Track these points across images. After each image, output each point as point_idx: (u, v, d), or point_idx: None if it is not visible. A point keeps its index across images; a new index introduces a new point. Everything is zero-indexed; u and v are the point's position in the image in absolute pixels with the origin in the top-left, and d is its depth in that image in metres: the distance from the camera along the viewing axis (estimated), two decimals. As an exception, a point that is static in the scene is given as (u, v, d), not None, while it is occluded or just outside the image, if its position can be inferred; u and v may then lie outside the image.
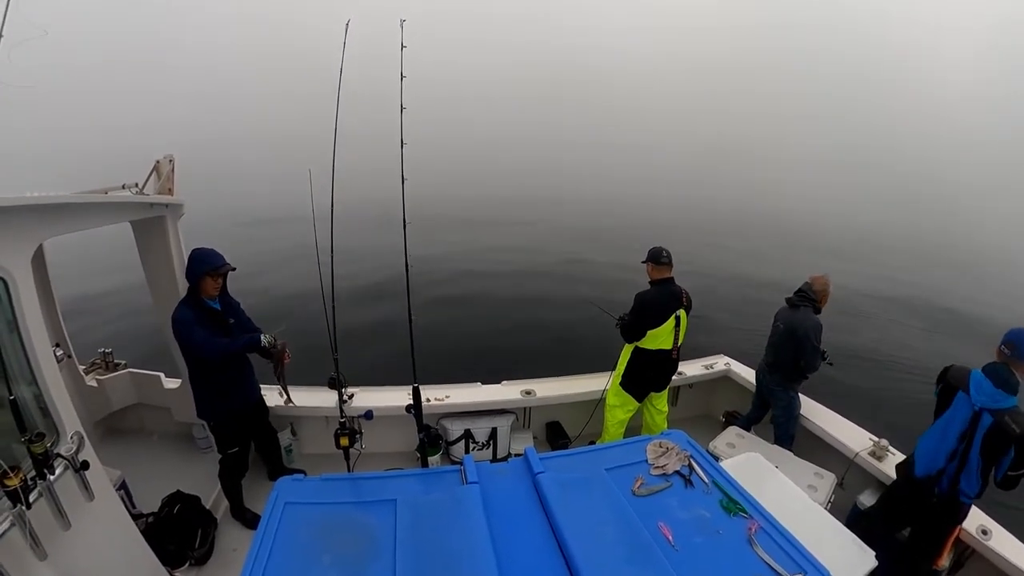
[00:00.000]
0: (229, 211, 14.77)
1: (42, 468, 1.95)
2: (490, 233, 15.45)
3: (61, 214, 2.45)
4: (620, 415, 4.14)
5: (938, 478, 2.96)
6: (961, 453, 2.85)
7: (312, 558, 1.80)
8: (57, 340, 3.87)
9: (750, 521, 2.02)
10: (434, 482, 2.28)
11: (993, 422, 2.71)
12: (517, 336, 8.87)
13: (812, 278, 4.12)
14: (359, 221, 10.35)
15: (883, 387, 7.48)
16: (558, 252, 13.82)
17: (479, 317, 9.69)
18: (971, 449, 2.81)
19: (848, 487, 3.78)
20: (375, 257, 9.57)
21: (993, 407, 2.73)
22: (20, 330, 2.12)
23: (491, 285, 11.25)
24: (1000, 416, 2.69)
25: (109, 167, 3.62)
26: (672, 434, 2.60)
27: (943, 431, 2.97)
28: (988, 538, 3.09)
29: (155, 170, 3.46)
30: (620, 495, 2.15)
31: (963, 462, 2.84)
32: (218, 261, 3.24)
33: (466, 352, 8.07)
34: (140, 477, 3.67)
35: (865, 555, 2.63)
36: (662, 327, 3.79)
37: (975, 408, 2.80)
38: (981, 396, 2.78)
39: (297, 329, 3.57)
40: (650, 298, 3.83)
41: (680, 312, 3.82)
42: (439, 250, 12.62)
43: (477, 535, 1.87)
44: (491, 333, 9.02)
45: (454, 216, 15.71)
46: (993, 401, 2.73)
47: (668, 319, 3.78)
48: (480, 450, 4.44)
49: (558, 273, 12.18)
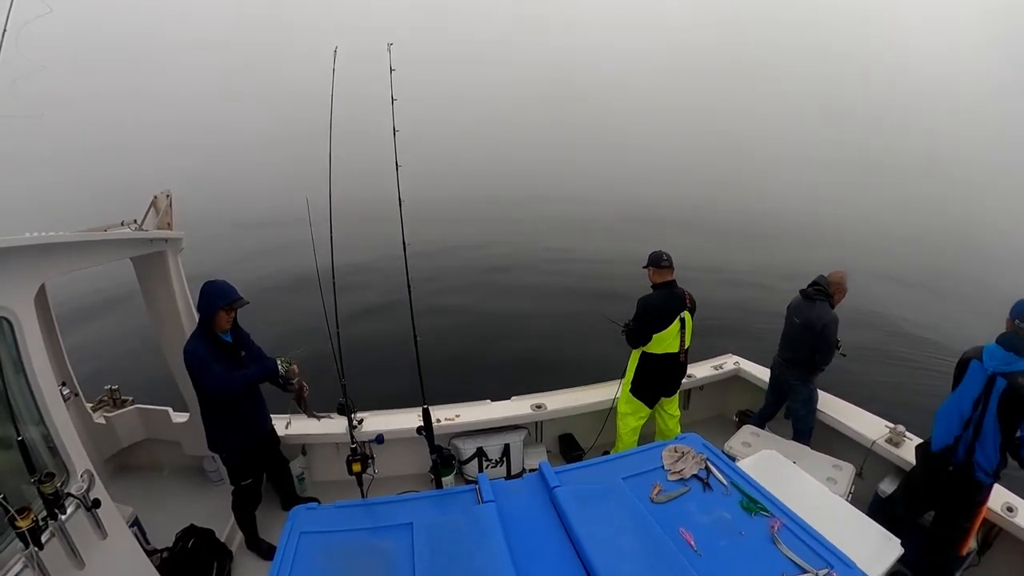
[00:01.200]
0: (228, 242, 14.79)
1: (53, 508, 1.94)
2: (486, 239, 15.44)
3: (62, 253, 2.46)
4: (632, 423, 4.11)
5: (955, 447, 2.95)
6: (976, 420, 2.85)
7: None
8: (63, 379, 3.88)
9: (772, 519, 2.00)
10: (449, 503, 2.26)
11: (1007, 385, 2.73)
12: (524, 349, 8.84)
13: (830, 273, 4.12)
14: (358, 241, 10.41)
15: (900, 380, 7.43)
16: (555, 257, 13.80)
17: (485, 331, 9.67)
18: (986, 414, 2.81)
19: (868, 476, 3.74)
20: (375, 277, 9.58)
21: (1006, 370, 2.75)
22: (25, 370, 2.12)
23: (496, 299, 11.25)
24: (1014, 378, 2.71)
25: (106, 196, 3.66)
26: (687, 438, 2.59)
27: (959, 400, 2.98)
28: (1015, 515, 3.05)
29: (153, 205, 3.48)
30: (639, 503, 2.13)
31: (978, 430, 2.84)
32: (233, 295, 3.23)
33: (474, 368, 8.05)
34: (153, 512, 3.65)
35: (891, 543, 2.60)
36: (667, 330, 3.78)
37: (988, 373, 2.82)
38: (993, 361, 2.81)
39: (303, 357, 3.56)
40: (653, 302, 3.83)
41: (684, 314, 3.81)
42: (440, 263, 12.62)
43: (496, 554, 1.85)
44: (497, 348, 9.00)
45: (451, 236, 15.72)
46: (1006, 364, 2.76)
47: (673, 322, 3.77)
48: (494, 467, 4.40)
49: (560, 281, 12.16)
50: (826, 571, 1.73)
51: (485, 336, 9.46)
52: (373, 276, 10.55)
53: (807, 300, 4.05)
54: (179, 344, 3.62)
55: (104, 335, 9.08)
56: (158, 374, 4.37)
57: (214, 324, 3.21)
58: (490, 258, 13.68)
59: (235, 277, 3.47)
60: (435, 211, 16.70)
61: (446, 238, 14.54)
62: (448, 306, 10.38)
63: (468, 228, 16.38)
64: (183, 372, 3.64)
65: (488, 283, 12.04)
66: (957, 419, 2.95)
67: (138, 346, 8.02)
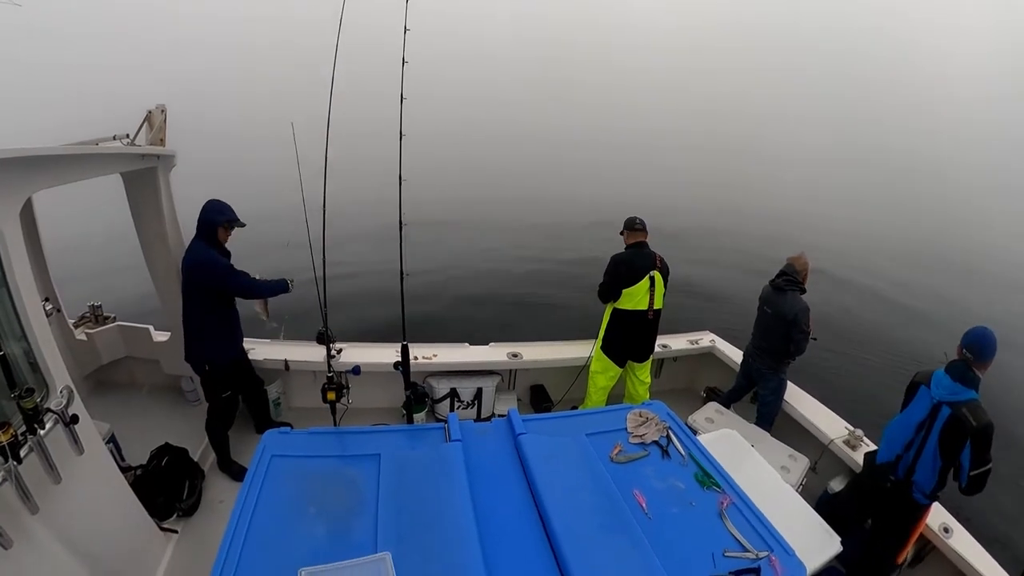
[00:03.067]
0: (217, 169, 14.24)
1: (32, 423, 1.94)
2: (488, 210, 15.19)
3: (50, 166, 2.38)
4: (602, 382, 4.22)
5: (895, 464, 3.05)
6: (919, 444, 2.92)
7: (297, 510, 1.85)
8: (46, 294, 3.81)
9: (723, 496, 2.09)
10: (418, 438, 2.33)
11: (951, 414, 2.77)
12: (507, 301, 8.89)
13: (791, 258, 4.13)
14: (352, 177, 10.16)
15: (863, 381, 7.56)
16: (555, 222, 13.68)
17: (472, 280, 9.67)
18: (928, 440, 2.87)
19: (821, 473, 3.87)
20: (368, 212, 9.40)
21: (951, 400, 2.78)
22: (9, 285, 2.08)
23: (487, 250, 11.19)
24: (958, 408, 2.74)
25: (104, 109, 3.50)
26: (653, 404, 2.66)
27: (904, 422, 3.05)
28: (949, 536, 3.15)
29: (147, 120, 3.35)
30: (598, 460, 2.22)
31: (919, 453, 2.92)
32: (233, 215, 3.38)
33: (456, 314, 8.10)
34: (129, 430, 3.69)
35: (831, 540, 2.71)
36: (636, 286, 3.89)
37: (933, 401, 2.86)
38: (940, 390, 2.84)
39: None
40: (623, 258, 3.97)
41: (655, 274, 3.91)
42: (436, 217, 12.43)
43: (458, 492, 1.93)
44: (482, 296, 9.03)
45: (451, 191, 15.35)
46: (951, 394, 2.79)
47: (643, 279, 3.88)
48: (465, 409, 4.50)
49: (555, 241, 12.11)
50: (766, 554, 1.82)
51: (471, 279, 9.47)
52: (366, 208, 10.33)
53: (778, 291, 4.06)
54: (167, 261, 3.61)
55: (89, 251, 8.90)
56: (141, 291, 4.31)
57: (217, 238, 3.35)
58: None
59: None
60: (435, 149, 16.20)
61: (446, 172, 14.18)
62: (440, 244, 10.33)
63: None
64: (168, 289, 3.64)
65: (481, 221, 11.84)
66: (900, 440, 3.03)
67: (123, 263, 7.89)
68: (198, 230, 3.34)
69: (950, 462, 2.81)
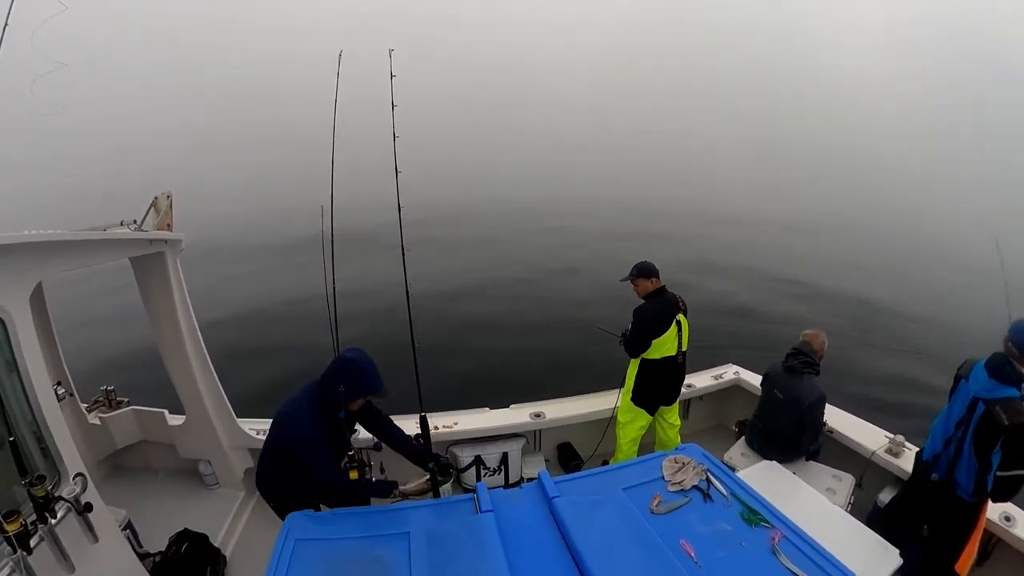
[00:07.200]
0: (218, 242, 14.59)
1: (43, 512, 1.92)
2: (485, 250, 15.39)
3: (60, 252, 2.44)
4: (632, 432, 4.10)
5: (935, 463, 2.93)
6: (957, 440, 2.81)
7: None
8: (59, 378, 3.84)
9: (772, 530, 1.99)
10: (448, 511, 2.26)
11: (984, 411, 2.68)
12: (523, 359, 8.82)
13: (807, 335, 3.77)
14: (357, 249, 10.36)
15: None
16: (549, 265, 13.77)
17: (484, 340, 9.63)
18: (966, 438, 2.77)
19: (867, 487, 3.71)
20: (374, 282, 9.53)
21: (986, 396, 2.69)
22: (20, 370, 2.10)
23: (493, 307, 11.21)
24: (992, 405, 2.65)
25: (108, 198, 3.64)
26: (687, 448, 2.58)
27: (946, 417, 2.95)
28: (1012, 525, 3.02)
29: (153, 206, 3.46)
30: (639, 514, 2.12)
31: (958, 450, 2.81)
32: (381, 384, 2.79)
33: (472, 376, 8.01)
34: (146, 516, 3.62)
35: (889, 553, 2.61)
36: (665, 335, 3.81)
37: (971, 396, 2.77)
38: (976, 385, 2.77)
39: (299, 358, 3.54)
40: (649, 310, 3.86)
41: (680, 317, 3.85)
42: (439, 269, 12.57)
43: (494, 564, 1.83)
44: (496, 357, 8.97)
45: (449, 237, 15.62)
46: (986, 390, 2.70)
47: (670, 327, 3.81)
48: (492, 476, 4.36)
49: (555, 291, 12.14)
50: None
51: (485, 342, 9.43)
52: (372, 283, 10.49)
53: (792, 373, 3.63)
54: (178, 344, 3.62)
55: (102, 336, 9.04)
56: (155, 376, 4.33)
57: (343, 404, 2.74)
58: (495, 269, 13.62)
59: (230, 286, 3.46)
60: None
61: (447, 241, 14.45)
62: (450, 313, 10.35)
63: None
64: (181, 373, 3.61)
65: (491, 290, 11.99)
66: (941, 436, 2.93)
67: (136, 348, 7.98)
68: (324, 382, 2.69)
69: (984, 464, 2.70)
